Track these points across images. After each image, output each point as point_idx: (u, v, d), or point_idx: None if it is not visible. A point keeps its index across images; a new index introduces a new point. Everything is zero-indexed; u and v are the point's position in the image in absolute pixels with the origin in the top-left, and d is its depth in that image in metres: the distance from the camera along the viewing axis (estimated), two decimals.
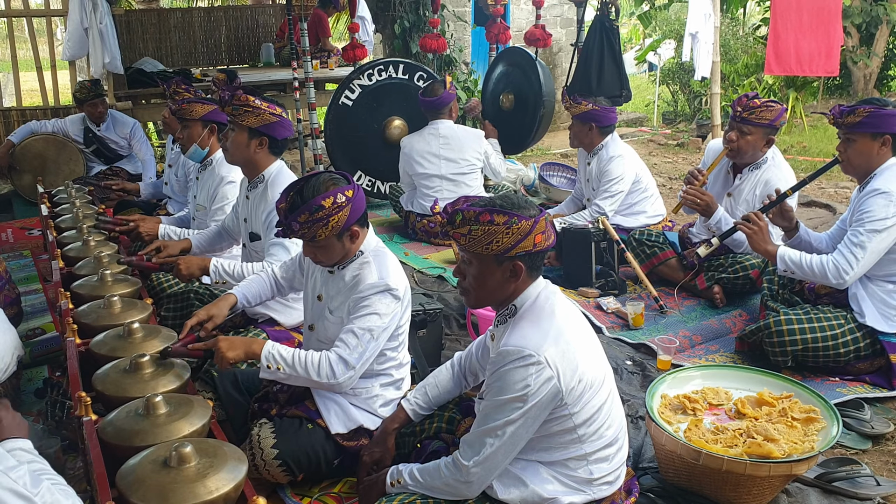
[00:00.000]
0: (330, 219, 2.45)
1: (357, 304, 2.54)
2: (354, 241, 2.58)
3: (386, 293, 2.53)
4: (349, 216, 2.49)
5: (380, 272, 2.56)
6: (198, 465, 1.78)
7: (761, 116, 3.94)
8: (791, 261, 3.41)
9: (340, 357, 2.49)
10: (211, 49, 9.91)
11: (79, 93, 6.43)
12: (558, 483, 2.19)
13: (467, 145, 5.59)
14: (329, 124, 6.29)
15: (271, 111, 3.25)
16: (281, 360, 2.50)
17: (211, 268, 3.29)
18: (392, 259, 2.65)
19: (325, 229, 2.46)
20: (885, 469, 2.86)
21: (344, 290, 2.62)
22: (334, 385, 2.52)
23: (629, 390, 3.42)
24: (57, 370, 3.59)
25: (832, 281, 3.33)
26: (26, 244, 5.78)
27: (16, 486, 1.57)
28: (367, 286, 2.53)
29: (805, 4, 7.72)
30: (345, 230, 2.52)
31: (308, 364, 2.49)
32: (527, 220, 2.10)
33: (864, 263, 3.27)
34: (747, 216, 3.56)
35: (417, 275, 4.89)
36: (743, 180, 4.15)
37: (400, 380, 2.76)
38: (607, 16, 6.50)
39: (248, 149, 3.31)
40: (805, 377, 3.39)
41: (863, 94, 10.82)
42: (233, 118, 3.27)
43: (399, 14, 8.13)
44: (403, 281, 2.63)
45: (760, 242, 3.52)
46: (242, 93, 3.26)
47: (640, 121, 12.12)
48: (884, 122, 3.27)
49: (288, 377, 2.54)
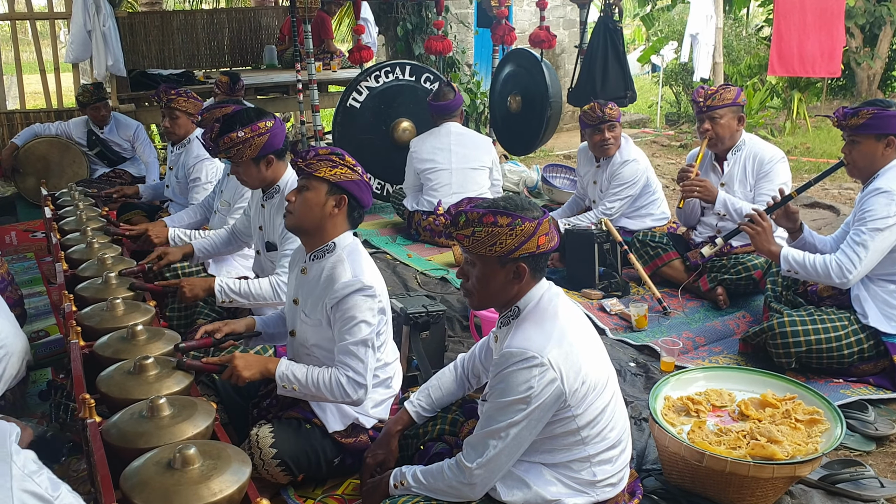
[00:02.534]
0: (340, 166, 2.61)
1: (339, 313, 2.52)
2: (333, 213, 2.63)
3: (361, 293, 2.51)
4: (351, 181, 2.63)
5: (353, 270, 2.55)
6: (201, 467, 1.78)
7: (723, 98, 4.15)
8: (794, 261, 3.41)
9: (350, 378, 2.49)
10: (214, 51, 9.91)
11: (82, 96, 6.44)
12: (561, 485, 2.19)
13: (479, 146, 5.64)
14: (337, 126, 6.30)
15: (258, 133, 3.17)
16: (295, 380, 2.51)
17: (216, 289, 3.23)
18: (366, 257, 2.65)
19: (328, 169, 2.59)
20: (889, 471, 2.86)
21: (317, 291, 2.61)
22: (350, 402, 2.57)
23: (633, 392, 3.42)
24: (61, 372, 3.60)
25: (835, 280, 3.32)
26: (30, 246, 5.79)
27: (38, 489, 1.63)
28: (342, 285, 2.52)
29: (808, 5, 7.71)
30: (337, 189, 2.61)
31: (321, 384, 2.50)
32: (530, 222, 2.10)
33: (867, 262, 3.27)
34: (751, 216, 3.56)
35: (420, 276, 4.89)
36: (730, 165, 4.27)
37: (388, 378, 2.76)
38: (611, 17, 6.50)
39: (260, 173, 3.28)
40: (809, 379, 3.39)
41: (866, 95, 10.81)
42: (230, 160, 3.26)
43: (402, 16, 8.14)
44: (378, 279, 2.62)
45: (764, 243, 3.52)
46: (220, 134, 3.19)
47: (644, 122, 12.11)
48: (888, 124, 3.27)
49: (303, 395, 2.56)
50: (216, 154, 3.26)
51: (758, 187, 4.17)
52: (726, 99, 4.14)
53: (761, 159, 4.18)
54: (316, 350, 2.66)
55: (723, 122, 4.16)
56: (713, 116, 4.16)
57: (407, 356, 3.39)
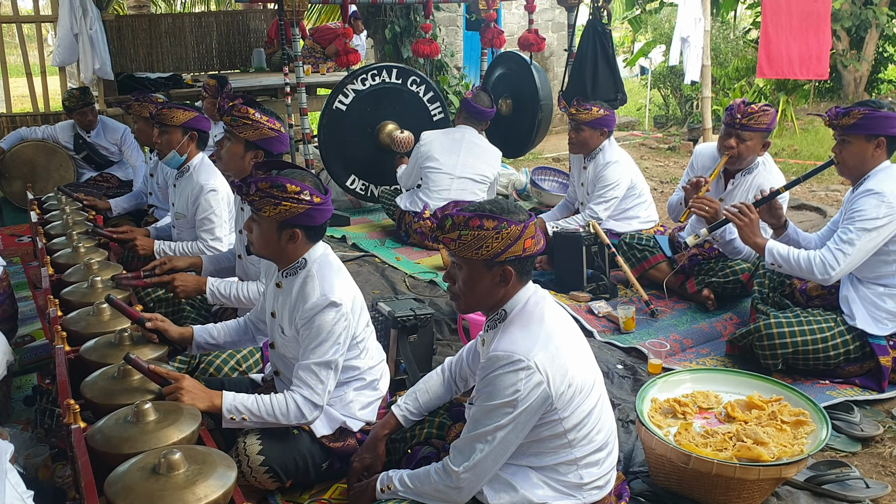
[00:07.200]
0: (282, 203, 2.43)
1: (306, 330, 2.48)
2: (290, 244, 2.53)
3: (329, 310, 2.46)
4: (300, 214, 2.46)
5: (322, 287, 2.49)
6: (187, 473, 1.78)
7: (760, 121, 3.94)
8: (779, 254, 3.43)
9: (306, 399, 2.46)
10: (202, 54, 9.89)
11: (68, 101, 6.41)
12: (548, 488, 2.19)
13: (488, 158, 5.63)
14: (323, 129, 6.29)
15: (270, 125, 3.22)
16: (245, 410, 2.43)
17: (207, 290, 3.24)
18: (338, 269, 2.59)
19: (273, 208, 2.44)
20: (874, 471, 2.88)
21: (289, 306, 2.57)
22: (304, 424, 2.53)
23: (620, 394, 3.43)
24: (46, 378, 3.57)
25: (818, 276, 3.34)
26: (16, 251, 5.75)
27: None
28: (311, 306, 2.46)
29: (795, 8, 7.76)
30: (287, 224, 2.49)
31: (276, 410, 2.44)
32: (516, 225, 2.10)
33: (851, 261, 3.29)
34: (739, 207, 3.56)
35: (409, 279, 4.89)
36: (735, 186, 4.16)
37: (374, 381, 2.74)
38: (600, 20, 6.52)
39: (243, 161, 3.27)
40: (795, 380, 3.41)
41: (853, 98, 10.88)
42: (230, 129, 3.25)
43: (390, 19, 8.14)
44: (350, 291, 2.56)
45: (750, 235, 3.53)
46: (242, 104, 3.22)
47: (632, 125, 12.16)
48: (878, 124, 3.29)
49: (255, 424, 2.49)
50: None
51: None
52: (762, 123, 3.94)
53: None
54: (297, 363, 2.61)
55: (750, 143, 3.98)
56: (742, 136, 3.97)
57: (395, 359, 3.38)
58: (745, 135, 3.97)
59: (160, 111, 3.94)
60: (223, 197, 3.84)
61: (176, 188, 4.06)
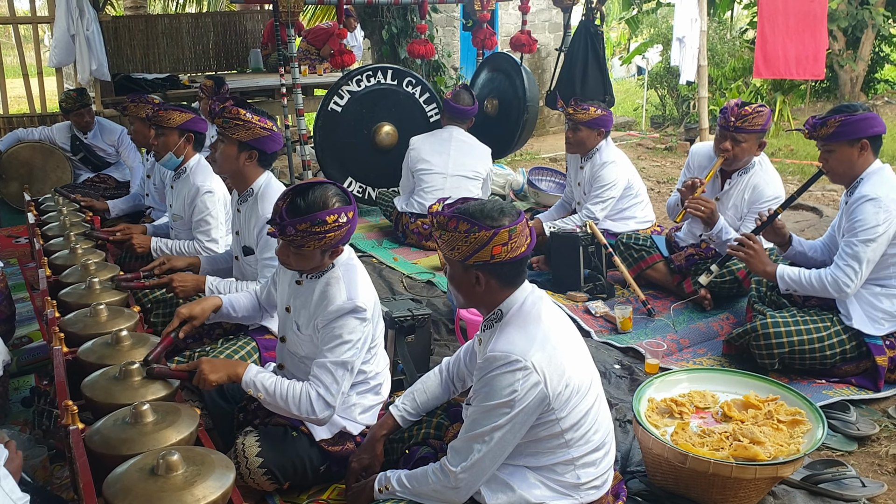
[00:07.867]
0: (327, 235, 2.41)
1: (326, 330, 2.49)
2: (333, 258, 2.56)
3: (353, 315, 2.47)
4: (343, 237, 2.47)
5: (348, 291, 2.50)
6: (185, 474, 1.78)
7: (754, 123, 3.95)
8: (791, 279, 3.44)
9: (320, 395, 2.46)
10: (199, 55, 9.88)
11: (65, 103, 6.41)
12: (546, 488, 2.19)
13: (478, 155, 5.64)
14: (318, 130, 6.29)
15: (262, 125, 3.21)
16: (262, 388, 2.47)
17: (206, 289, 3.25)
18: (361, 273, 2.60)
19: (317, 243, 2.43)
20: (870, 470, 2.88)
21: (310, 306, 2.57)
22: (313, 419, 2.52)
23: (617, 394, 3.43)
24: (44, 379, 3.57)
25: (833, 294, 3.37)
26: (13, 252, 5.75)
27: None
28: (335, 309, 2.47)
29: (791, 8, 7.78)
30: (332, 247, 2.51)
31: (289, 397, 2.46)
32: (486, 231, 2.07)
33: (863, 274, 3.30)
34: (741, 240, 3.58)
35: (406, 280, 4.90)
36: (732, 185, 4.17)
37: (377, 385, 2.75)
38: (592, 21, 6.53)
39: (238, 161, 3.26)
40: (792, 380, 3.42)
41: (849, 98, 10.90)
42: (223, 131, 3.24)
43: (387, 20, 8.13)
44: (372, 296, 2.59)
45: (759, 265, 3.54)
46: (233, 105, 3.21)
47: (629, 125, 12.17)
48: (857, 128, 3.29)
49: (267, 405, 2.52)
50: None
51: (745, 219, 4.14)
52: (756, 124, 3.94)
53: (759, 194, 4.06)
54: (308, 361, 2.61)
55: (745, 145, 3.99)
56: (737, 138, 3.97)
57: (392, 360, 3.38)
58: (740, 137, 3.98)
59: (157, 113, 3.94)
60: (220, 199, 3.85)
61: (173, 190, 4.07)
